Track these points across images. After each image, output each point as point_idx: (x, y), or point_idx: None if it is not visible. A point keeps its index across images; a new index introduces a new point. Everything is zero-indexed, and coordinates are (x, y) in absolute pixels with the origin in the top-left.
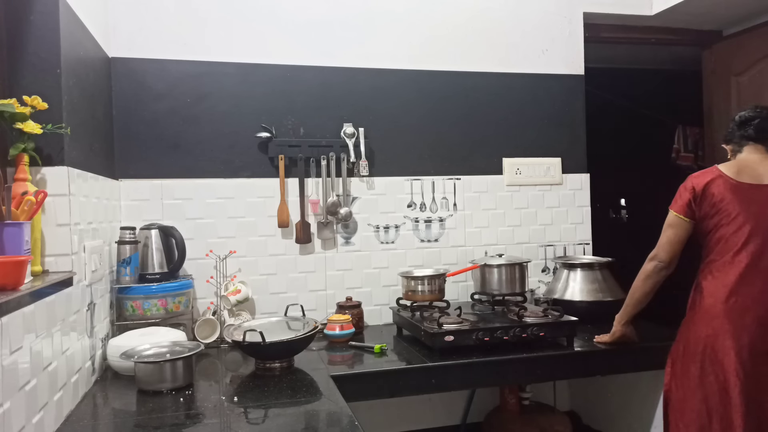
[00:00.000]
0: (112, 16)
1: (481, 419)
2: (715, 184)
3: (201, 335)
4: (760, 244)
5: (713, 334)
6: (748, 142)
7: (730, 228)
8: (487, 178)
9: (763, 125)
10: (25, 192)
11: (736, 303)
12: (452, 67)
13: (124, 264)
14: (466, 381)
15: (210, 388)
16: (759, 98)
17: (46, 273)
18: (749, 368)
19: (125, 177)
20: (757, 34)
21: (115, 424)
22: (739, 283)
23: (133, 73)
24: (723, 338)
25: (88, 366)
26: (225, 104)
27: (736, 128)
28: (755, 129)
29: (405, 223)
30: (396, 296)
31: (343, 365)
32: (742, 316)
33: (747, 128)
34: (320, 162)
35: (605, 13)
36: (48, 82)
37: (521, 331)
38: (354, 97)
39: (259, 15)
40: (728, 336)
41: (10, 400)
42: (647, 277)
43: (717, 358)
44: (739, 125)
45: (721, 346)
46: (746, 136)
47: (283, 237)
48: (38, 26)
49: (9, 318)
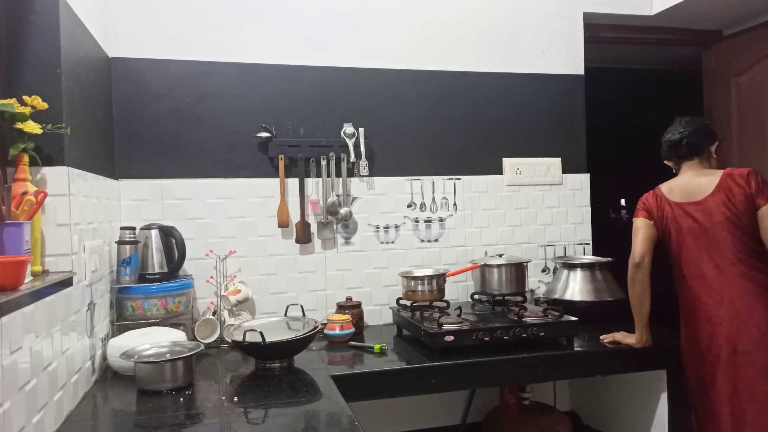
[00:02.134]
0: (112, 16)
1: (481, 419)
2: (658, 204)
3: (201, 335)
4: (694, 257)
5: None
6: (683, 160)
7: (672, 246)
8: (487, 178)
9: (692, 141)
10: (25, 192)
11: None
12: (452, 67)
13: (124, 264)
14: (466, 381)
15: (210, 388)
16: (759, 98)
17: (46, 273)
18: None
19: (125, 177)
20: (757, 34)
21: (115, 424)
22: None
23: (133, 73)
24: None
25: (88, 366)
26: (225, 104)
27: (668, 150)
28: (686, 147)
29: (405, 223)
30: (396, 296)
31: (343, 365)
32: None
33: (679, 149)
34: (320, 162)
35: (605, 13)
36: (48, 82)
37: (521, 331)
38: (354, 97)
39: (259, 15)
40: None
41: (10, 400)
42: (631, 281)
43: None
44: (670, 147)
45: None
46: (681, 156)
47: (283, 237)
48: (38, 26)
49: (9, 318)
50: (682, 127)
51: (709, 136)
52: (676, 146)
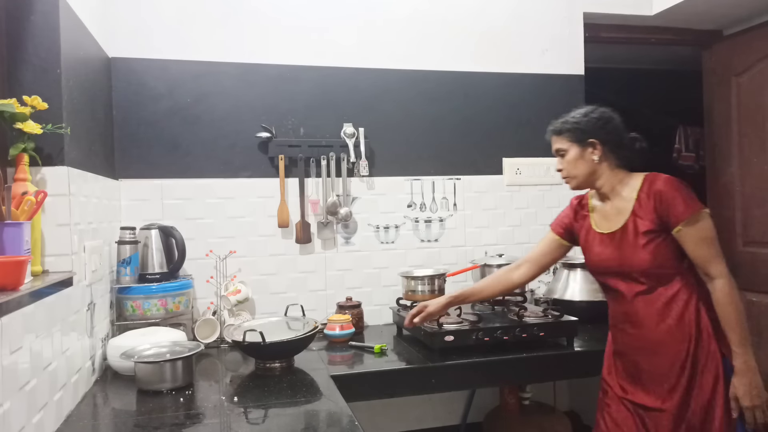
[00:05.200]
0: (112, 16)
1: (481, 419)
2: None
3: (201, 335)
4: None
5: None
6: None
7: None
8: (487, 178)
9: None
10: (25, 192)
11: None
12: (452, 67)
13: (124, 264)
14: (466, 381)
15: (210, 388)
16: (759, 98)
17: (46, 273)
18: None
19: (125, 177)
20: (757, 34)
21: (115, 424)
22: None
23: (133, 73)
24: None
25: (88, 366)
26: (225, 104)
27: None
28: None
29: (405, 223)
30: (396, 296)
31: (343, 365)
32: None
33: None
34: (320, 162)
35: (605, 13)
36: (48, 82)
37: (521, 331)
38: (354, 97)
39: (259, 15)
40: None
41: (10, 400)
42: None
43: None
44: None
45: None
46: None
47: (283, 237)
48: (38, 26)
49: (9, 318)
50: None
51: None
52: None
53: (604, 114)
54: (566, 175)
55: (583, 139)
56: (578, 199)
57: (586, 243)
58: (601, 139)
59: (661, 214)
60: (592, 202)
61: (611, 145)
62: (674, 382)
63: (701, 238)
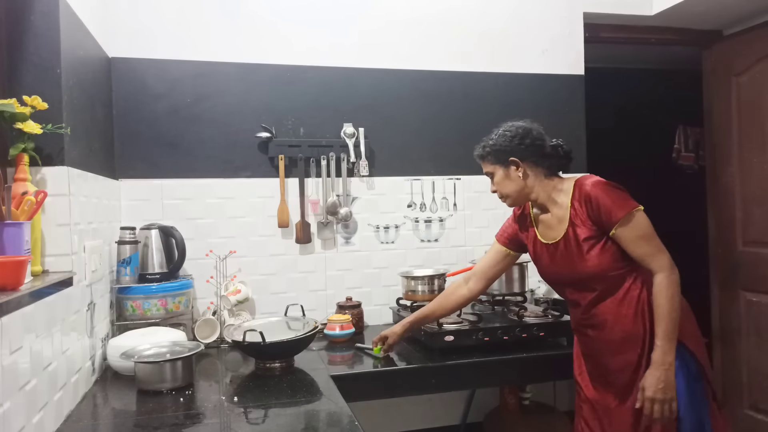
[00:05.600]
0: (112, 16)
1: (481, 419)
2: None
3: (201, 335)
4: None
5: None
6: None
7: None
8: (487, 178)
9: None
10: (25, 192)
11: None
12: (452, 67)
13: (124, 264)
14: (466, 381)
15: (210, 388)
16: (759, 98)
17: (46, 273)
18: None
19: (125, 177)
20: (757, 34)
21: (115, 424)
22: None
23: (133, 73)
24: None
25: (88, 366)
26: (225, 104)
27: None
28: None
29: (405, 223)
30: (396, 296)
31: (343, 365)
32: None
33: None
34: (320, 162)
35: (605, 13)
36: (48, 82)
37: (521, 331)
38: (354, 97)
39: (259, 15)
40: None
41: (10, 400)
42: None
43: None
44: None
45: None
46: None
47: (283, 237)
48: (38, 26)
49: (9, 318)
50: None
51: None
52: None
53: (518, 130)
54: (500, 195)
55: (504, 159)
56: (520, 209)
57: (535, 255)
58: (520, 155)
59: (596, 220)
60: (533, 212)
61: (533, 159)
62: (633, 377)
63: (638, 237)
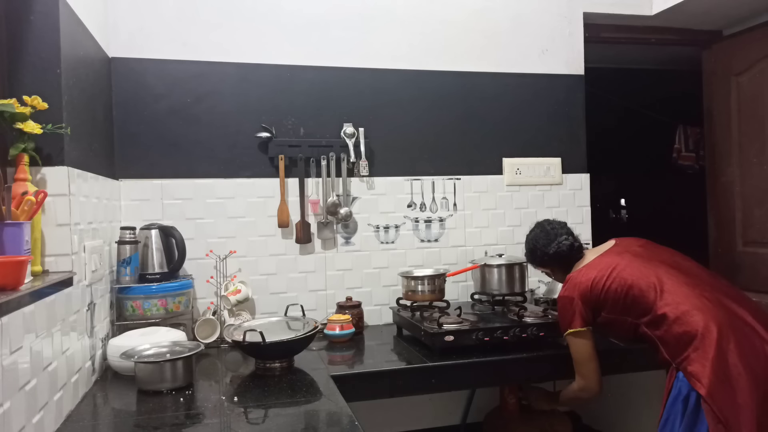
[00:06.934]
0: (112, 16)
1: (481, 419)
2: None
3: (201, 335)
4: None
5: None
6: (582, 252)
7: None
8: (487, 178)
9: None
10: (25, 192)
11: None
12: (452, 67)
13: (124, 264)
14: (466, 381)
15: (210, 388)
16: (759, 98)
17: (46, 273)
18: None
19: (125, 177)
20: (757, 34)
21: (115, 424)
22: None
23: (133, 73)
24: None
25: (88, 366)
26: (225, 104)
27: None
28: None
29: (405, 223)
30: (396, 296)
31: (343, 365)
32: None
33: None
34: (320, 162)
35: (605, 13)
36: (48, 82)
37: (521, 331)
38: (354, 97)
39: (259, 15)
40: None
41: (10, 400)
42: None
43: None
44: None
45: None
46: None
47: (283, 237)
48: (38, 26)
49: (9, 318)
50: (565, 232)
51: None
52: (571, 249)
53: (527, 246)
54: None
55: (535, 266)
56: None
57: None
58: (537, 264)
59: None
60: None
61: (544, 262)
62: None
63: (572, 353)
